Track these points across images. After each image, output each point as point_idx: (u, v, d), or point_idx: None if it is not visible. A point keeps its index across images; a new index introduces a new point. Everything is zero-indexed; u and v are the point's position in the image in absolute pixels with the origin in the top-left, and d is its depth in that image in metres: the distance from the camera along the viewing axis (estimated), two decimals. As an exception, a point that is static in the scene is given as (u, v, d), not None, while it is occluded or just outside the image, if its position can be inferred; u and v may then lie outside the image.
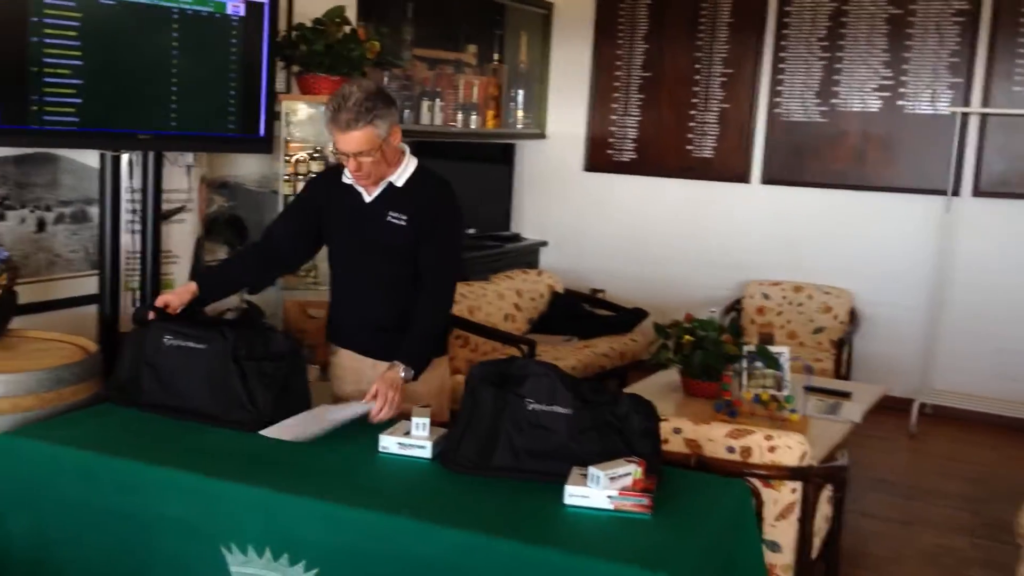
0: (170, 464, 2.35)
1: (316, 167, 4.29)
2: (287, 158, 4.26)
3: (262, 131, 3.71)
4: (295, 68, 4.28)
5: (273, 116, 3.79)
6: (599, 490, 2.13)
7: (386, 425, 2.56)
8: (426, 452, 2.41)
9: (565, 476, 2.20)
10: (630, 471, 2.16)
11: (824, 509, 3.21)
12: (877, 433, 5.13)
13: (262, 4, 3.58)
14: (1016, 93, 5.50)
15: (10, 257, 3.12)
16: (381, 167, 2.75)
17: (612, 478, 2.14)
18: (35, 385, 2.76)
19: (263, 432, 2.55)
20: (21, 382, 2.74)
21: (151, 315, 2.80)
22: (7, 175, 3.47)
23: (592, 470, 2.15)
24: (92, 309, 3.59)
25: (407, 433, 2.45)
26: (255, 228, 4.49)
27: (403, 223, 2.80)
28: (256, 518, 2.23)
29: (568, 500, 2.15)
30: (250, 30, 3.58)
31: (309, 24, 4.14)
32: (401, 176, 2.82)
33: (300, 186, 4.28)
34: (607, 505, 2.13)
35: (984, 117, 5.56)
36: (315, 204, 2.95)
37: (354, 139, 2.64)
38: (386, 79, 5.28)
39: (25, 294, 3.46)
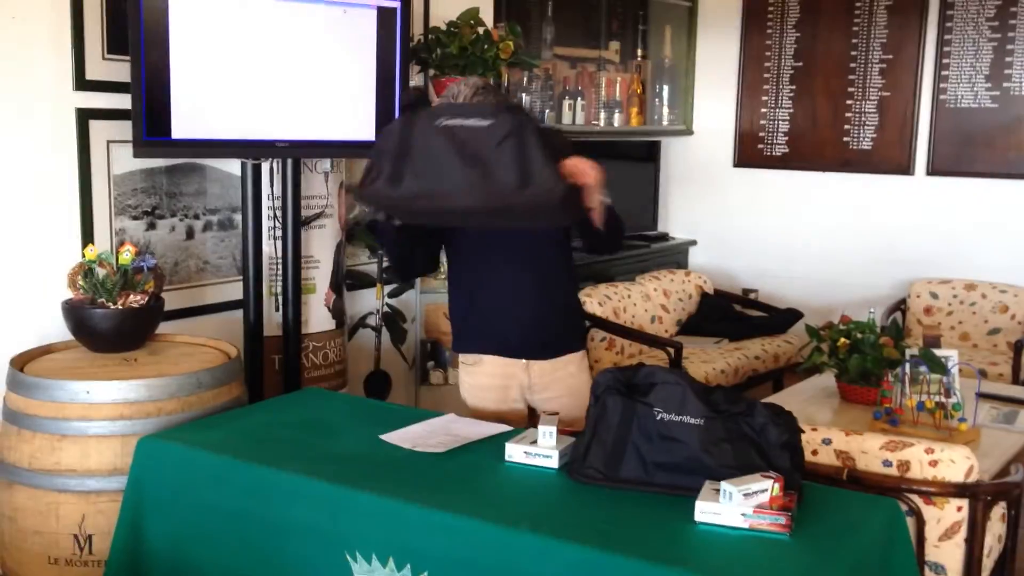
0: (299, 470, 2.35)
1: (453, 170, 4.28)
2: (424, 162, 4.26)
3: (396, 135, 3.71)
4: (431, 72, 4.28)
5: (407, 120, 3.78)
6: (732, 507, 1.99)
7: (513, 433, 2.49)
8: (552, 462, 2.32)
9: (696, 491, 2.06)
10: (766, 487, 2.00)
11: (996, 528, 2.93)
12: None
13: (394, 8, 3.57)
14: None
15: (157, 264, 3.23)
16: None
17: (746, 494, 1.98)
18: (176, 389, 2.84)
19: (383, 437, 2.52)
20: (164, 386, 2.82)
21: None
22: (158, 185, 3.60)
23: (725, 485, 2.01)
24: (239, 314, 3.68)
25: (534, 442, 2.36)
26: (396, 233, 4.52)
27: None
28: (380, 527, 2.20)
29: (699, 517, 2.02)
30: (384, 34, 3.58)
31: (444, 27, 4.12)
32: None
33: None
34: (741, 523, 1.98)
35: None
36: None
37: None
38: (525, 79, 5.23)
39: (176, 300, 3.59)
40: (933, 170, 5.75)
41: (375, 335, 4.40)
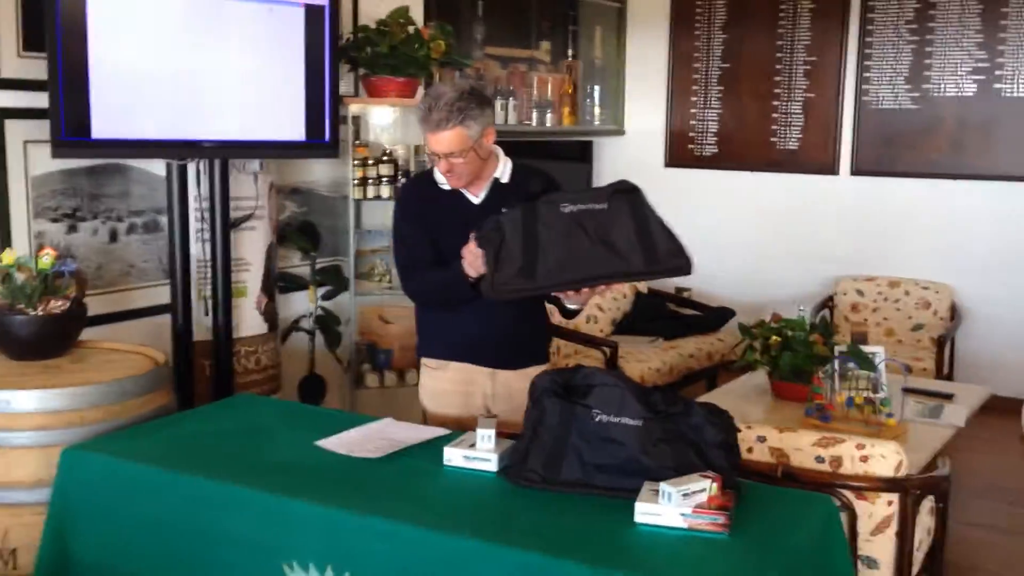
0: (232, 479, 2.30)
1: (385, 170, 4.23)
2: (356, 162, 4.20)
3: (327, 136, 3.65)
4: (361, 71, 4.23)
5: (338, 120, 3.73)
6: (671, 507, 1.99)
7: (451, 437, 2.46)
8: (492, 465, 2.30)
9: (635, 492, 2.06)
10: (704, 487, 2.01)
11: (925, 521, 2.99)
12: (984, 436, 4.82)
13: (323, 6, 3.52)
14: None
15: (79, 268, 3.12)
16: (474, 168, 2.66)
17: (685, 495, 1.99)
18: (100, 397, 2.74)
19: (319, 443, 2.48)
20: (87, 394, 2.73)
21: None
22: (79, 187, 3.49)
23: (664, 486, 2.01)
24: (167, 318, 3.58)
25: (472, 445, 2.34)
26: (328, 234, 4.46)
27: None
28: (317, 535, 2.15)
29: (639, 518, 2.01)
30: (313, 33, 3.53)
31: (373, 26, 4.07)
32: (504, 172, 2.76)
33: (370, 191, 4.24)
34: (680, 523, 1.98)
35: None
36: (426, 218, 2.76)
37: (444, 139, 2.57)
38: (456, 78, 5.20)
39: (100, 305, 3.48)
40: (857, 170, 5.88)
41: (309, 338, 4.33)
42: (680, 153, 6.43)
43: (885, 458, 2.74)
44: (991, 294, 5.52)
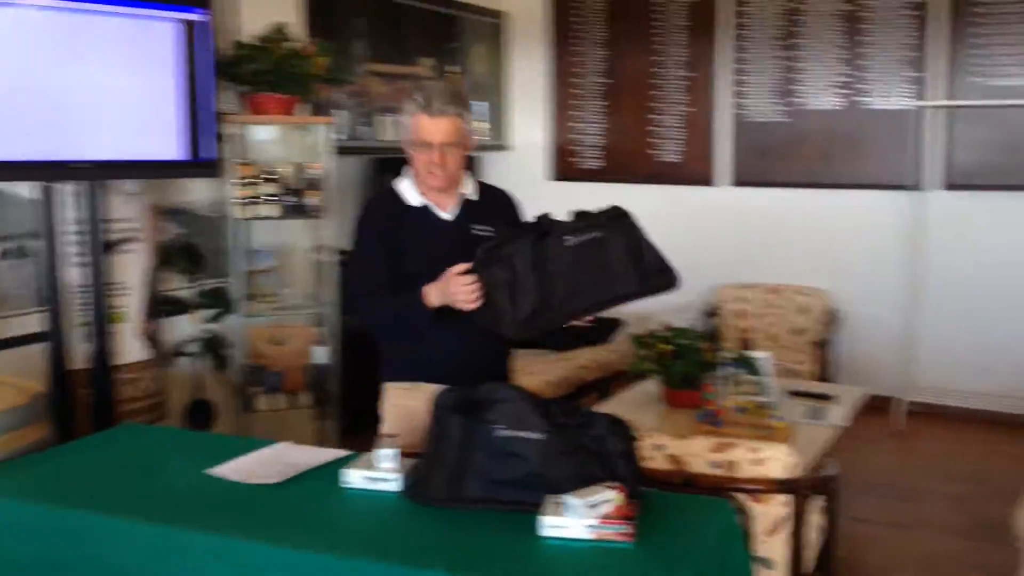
0: (120, 513, 2.18)
1: (270, 189, 4.13)
2: (238, 181, 4.09)
3: (208, 154, 3.55)
4: (241, 88, 4.12)
5: (219, 138, 3.63)
6: (577, 519, 1.99)
7: (351, 458, 2.41)
8: (394, 485, 2.25)
9: (540, 505, 2.05)
10: (609, 497, 2.01)
11: (816, 520, 3.09)
12: (863, 434, 5.01)
13: (198, 22, 3.42)
14: (975, 84, 5.44)
15: (-57, 299, 2.94)
16: (458, 167, 2.68)
17: (590, 506, 1.99)
18: (-29, 434, 2.59)
19: (211, 470, 2.39)
20: (-44, 432, 2.57)
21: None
22: (-59, 212, 3.29)
23: (568, 498, 2.01)
24: (42, 347, 3.41)
25: (374, 466, 2.29)
26: (212, 255, 4.33)
27: (490, 234, 2.70)
28: (215, 567, 2.06)
29: (544, 531, 2.00)
30: (189, 48, 3.43)
31: (253, 42, 3.98)
32: (472, 190, 2.76)
33: (255, 211, 4.13)
34: (586, 535, 1.98)
35: (950, 110, 5.50)
36: (392, 236, 2.71)
37: (443, 127, 2.60)
38: (340, 96, 5.14)
39: (-34, 336, 3.29)
40: (735, 181, 6.07)
41: (195, 363, 4.18)
42: (565, 167, 6.51)
43: (778, 460, 2.81)
44: (864, 297, 5.76)
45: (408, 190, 2.75)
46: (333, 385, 4.35)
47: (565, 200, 6.30)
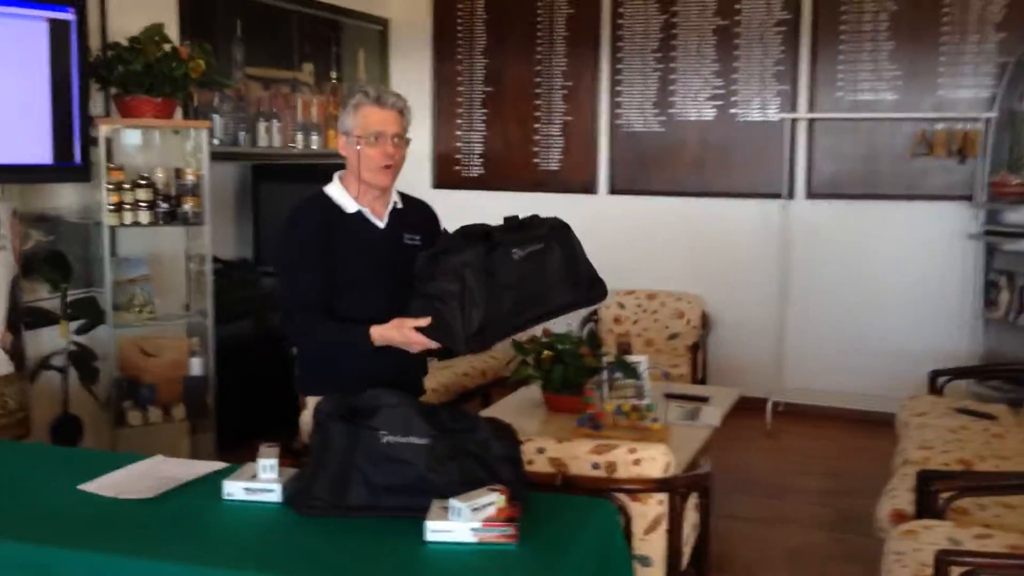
0: (-17, 533, 2.09)
1: (143, 195, 4.01)
2: (110, 187, 3.96)
3: (78, 158, 3.43)
4: (113, 90, 3.99)
5: (89, 141, 3.50)
6: (462, 523, 2.01)
7: (231, 470, 2.37)
8: (275, 496, 2.23)
9: (425, 511, 2.07)
10: (493, 500, 2.05)
11: (691, 517, 3.19)
12: (736, 434, 5.19)
13: (68, 21, 3.31)
14: (839, 98, 5.72)
15: None
16: (400, 166, 2.69)
17: (475, 509, 2.02)
18: None
19: (83, 486, 2.31)
20: None
21: None
22: None
23: (453, 502, 2.03)
24: None
25: (254, 476, 2.26)
26: (80, 263, 4.17)
27: (418, 243, 2.72)
28: (88, 586, 2.00)
29: (430, 536, 2.02)
30: (58, 49, 3.30)
31: (125, 43, 3.87)
32: (396, 197, 2.78)
33: (127, 217, 4.01)
34: (471, 538, 2.01)
35: (811, 122, 5.77)
36: (327, 243, 2.63)
37: (394, 118, 2.61)
38: (216, 100, 5.03)
39: None
40: (613, 189, 6.21)
41: (61, 376, 4.02)
42: (447, 174, 6.54)
43: (655, 460, 2.89)
44: (735, 302, 5.97)
45: (342, 196, 2.68)
46: (209, 398, 4.25)
47: (448, 209, 6.38)
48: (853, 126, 5.70)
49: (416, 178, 6.54)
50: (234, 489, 2.25)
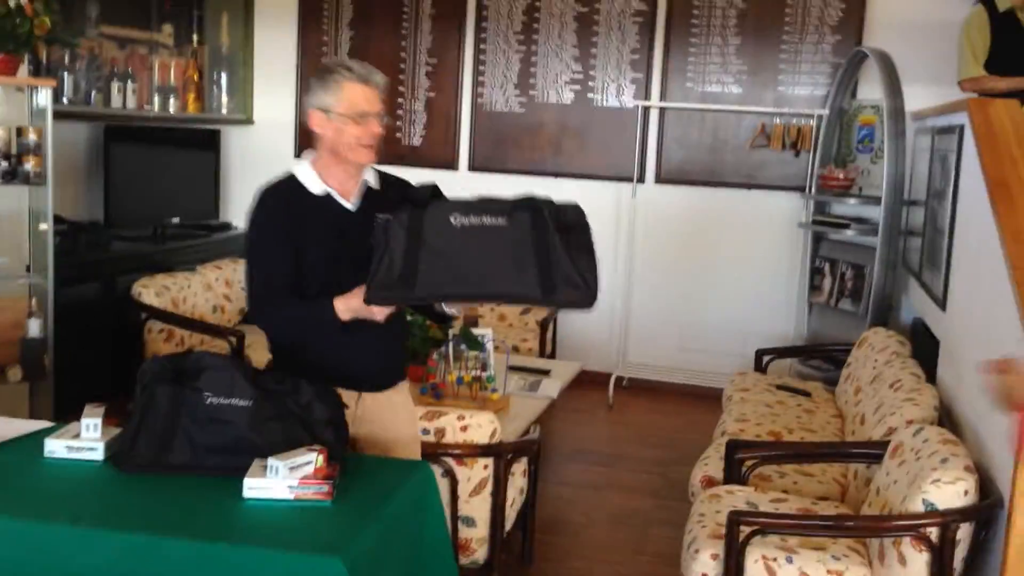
0: None
1: (-18, 153, 3.92)
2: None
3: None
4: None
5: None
6: (279, 480, 2.12)
7: (53, 429, 2.40)
8: (98, 454, 2.28)
9: (246, 469, 2.16)
10: (310, 460, 2.16)
11: (519, 482, 3.37)
12: (579, 406, 5.46)
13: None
14: (689, 89, 6.00)
15: None
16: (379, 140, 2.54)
17: (292, 468, 2.12)
18: None
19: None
20: None
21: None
22: None
23: (271, 460, 2.13)
24: None
25: (76, 435, 2.31)
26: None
27: None
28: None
29: (247, 493, 2.12)
30: None
31: (-33, -4, 3.77)
32: (373, 179, 2.60)
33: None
34: (287, 495, 2.11)
35: (663, 111, 6.03)
36: (294, 226, 2.49)
37: (378, 97, 2.49)
38: (66, 58, 4.92)
39: None
40: (474, 166, 6.35)
41: None
42: (310, 144, 6.49)
43: (482, 427, 3.07)
44: (587, 281, 6.20)
45: (309, 177, 2.53)
46: (47, 360, 4.19)
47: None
48: (701, 116, 5.99)
49: (280, 147, 6.53)
50: (56, 447, 2.29)
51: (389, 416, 2.65)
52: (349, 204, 2.54)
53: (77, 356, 4.50)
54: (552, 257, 2.28)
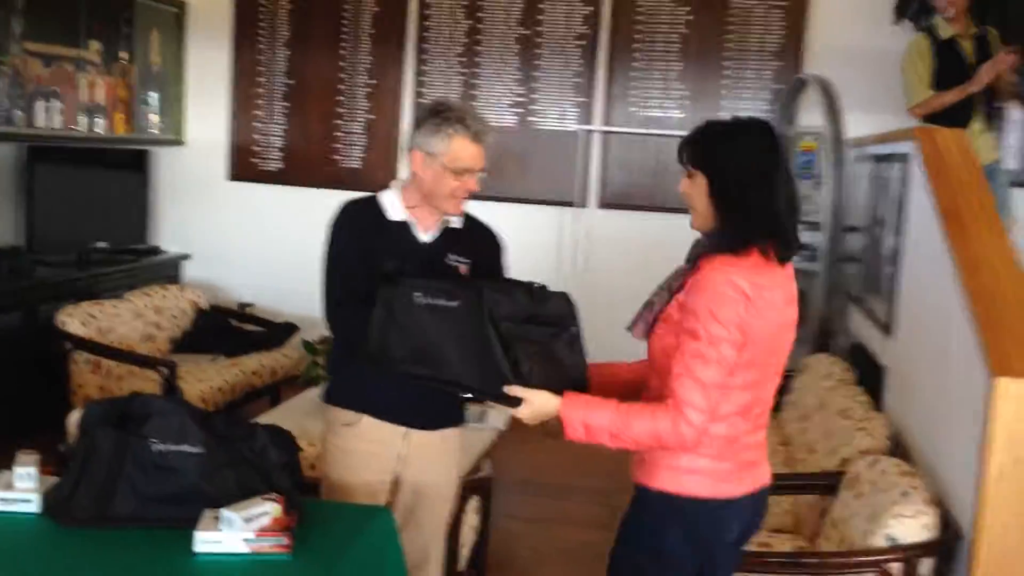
0: None
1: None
2: None
3: None
4: None
5: None
6: (234, 533, 1.99)
7: (-16, 479, 2.24)
8: (33, 507, 2.12)
9: (196, 521, 2.03)
10: (268, 510, 2.04)
11: (471, 520, 3.27)
12: (523, 436, 5.31)
13: None
14: (632, 113, 6.00)
15: None
16: None
17: (248, 519, 2.00)
18: None
19: None
20: None
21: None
22: None
23: (224, 512, 2.00)
24: None
25: (9, 486, 2.14)
26: None
27: (463, 265, 2.52)
28: None
29: (199, 547, 1.99)
30: None
31: None
32: (456, 217, 2.57)
33: None
34: (243, 549, 1.99)
35: (605, 135, 6.01)
36: (366, 245, 2.49)
37: (483, 154, 2.47)
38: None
39: None
40: (414, 190, 6.24)
41: None
42: (244, 167, 6.36)
43: (437, 465, 2.96)
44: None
45: (392, 203, 2.53)
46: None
47: (245, 202, 6.24)
48: (643, 140, 5.99)
49: (212, 169, 6.35)
50: (-13, 499, 2.12)
51: (433, 460, 2.59)
52: (425, 236, 2.53)
53: (5, 387, 4.28)
54: (487, 343, 2.12)
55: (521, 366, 2.11)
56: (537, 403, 2.09)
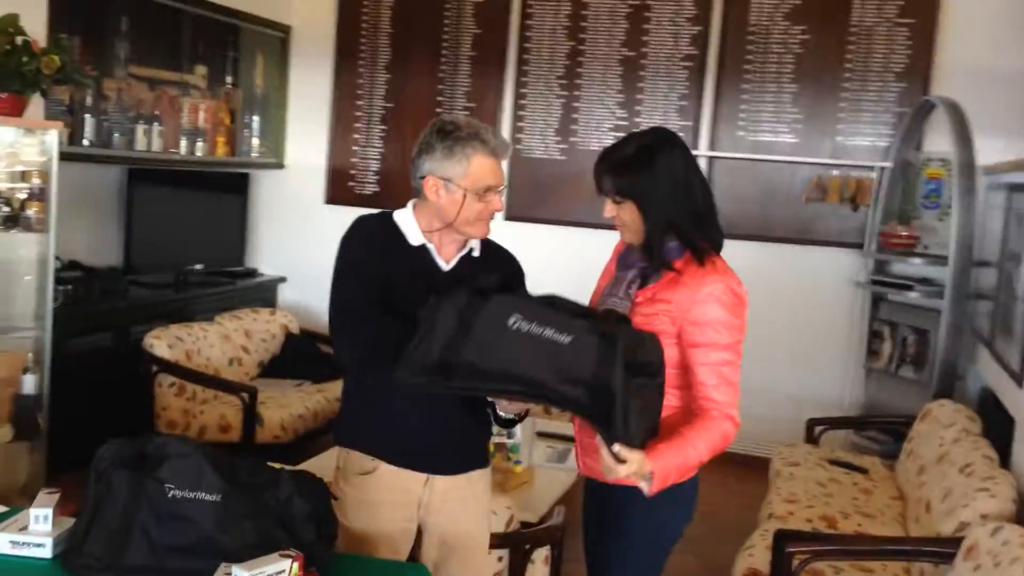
0: None
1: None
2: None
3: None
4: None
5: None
6: (243, 593, 1.81)
7: (2, 517, 2.13)
8: (46, 551, 1.99)
9: (211, 574, 1.86)
10: (283, 568, 1.85)
11: (540, 571, 3.04)
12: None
13: None
14: (740, 138, 5.68)
15: None
16: None
17: (257, 578, 1.82)
18: None
19: None
20: None
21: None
22: None
23: (236, 570, 1.83)
24: None
25: (24, 528, 2.03)
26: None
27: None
28: None
29: (207, 606, 1.82)
30: None
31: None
32: (476, 246, 2.37)
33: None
34: (255, 611, 1.81)
35: (711, 160, 5.70)
36: (381, 269, 2.27)
37: (502, 169, 2.31)
38: (89, 99, 4.75)
39: None
40: (510, 215, 6.06)
41: None
42: (340, 190, 6.32)
43: (497, 515, 2.74)
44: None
45: (409, 226, 2.31)
46: (42, 417, 3.95)
47: (340, 225, 6.14)
48: (751, 167, 5.66)
49: (310, 192, 6.33)
50: None
51: (460, 506, 2.34)
52: (445, 263, 2.33)
53: (81, 411, 4.28)
54: (605, 396, 1.95)
55: (630, 424, 1.96)
56: (636, 464, 2.00)
